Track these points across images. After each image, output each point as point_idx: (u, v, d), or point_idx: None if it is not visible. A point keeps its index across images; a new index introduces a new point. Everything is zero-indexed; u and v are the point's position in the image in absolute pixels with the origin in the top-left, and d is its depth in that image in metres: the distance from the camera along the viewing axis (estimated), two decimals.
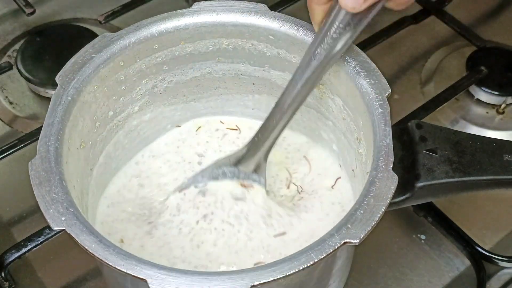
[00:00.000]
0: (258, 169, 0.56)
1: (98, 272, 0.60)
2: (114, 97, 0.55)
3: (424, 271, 0.61)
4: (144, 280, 0.40)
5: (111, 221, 0.57)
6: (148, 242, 0.55)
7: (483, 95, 0.73)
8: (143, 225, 0.56)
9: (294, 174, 0.60)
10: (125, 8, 0.79)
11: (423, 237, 0.63)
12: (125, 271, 0.41)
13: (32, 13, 0.78)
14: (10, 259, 0.57)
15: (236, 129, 0.63)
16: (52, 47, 0.76)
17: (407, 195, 0.52)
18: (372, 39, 0.76)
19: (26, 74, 0.73)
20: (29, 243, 0.58)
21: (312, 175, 0.60)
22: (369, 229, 0.43)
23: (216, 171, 0.56)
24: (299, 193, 0.59)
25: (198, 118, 0.64)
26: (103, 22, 0.78)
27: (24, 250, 0.58)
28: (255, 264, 0.53)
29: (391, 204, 0.45)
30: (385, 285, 0.60)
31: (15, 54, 0.77)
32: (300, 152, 0.62)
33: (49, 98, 0.50)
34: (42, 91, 0.73)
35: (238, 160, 0.56)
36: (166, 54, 0.56)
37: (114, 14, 0.78)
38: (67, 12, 0.84)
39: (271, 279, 0.40)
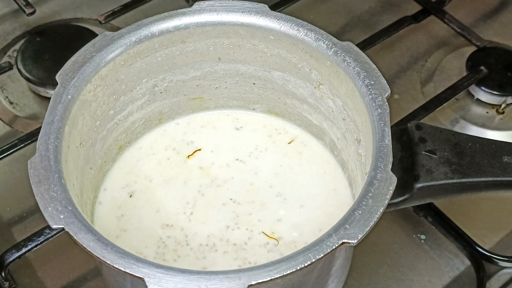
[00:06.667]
0: None
1: (98, 272, 0.60)
2: (114, 96, 0.55)
3: (424, 271, 0.61)
4: (141, 279, 0.40)
5: None
6: None
7: (483, 95, 0.73)
8: None
9: None
10: (125, 8, 0.79)
11: (423, 237, 0.63)
12: (123, 270, 0.41)
13: (32, 13, 0.78)
14: (10, 259, 0.57)
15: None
16: (52, 47, 0.76)
17: (406, 196, 0.52)
18: (372, 39, 0.76)
19: (26, 74, 0.73)
20: (29, 243, 0.58)
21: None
22: (367, 229, 0.43)
23: None
24: None
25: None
26: (103, 22, 0.78)
27: (24, 250, 0.58)
28: None
29: (390, 205, 0.45)
30: (385, 285, 0.60)
31: (15, 54, 0.77)
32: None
33: (49, 98, 0.50)
34: (42, 91, 0.73)
35: None
36: (167, 53, 0.56)
37: (114, 14, 0.78)
38: (67, 12, 0.84)
39: (269, 278, 0.40)
